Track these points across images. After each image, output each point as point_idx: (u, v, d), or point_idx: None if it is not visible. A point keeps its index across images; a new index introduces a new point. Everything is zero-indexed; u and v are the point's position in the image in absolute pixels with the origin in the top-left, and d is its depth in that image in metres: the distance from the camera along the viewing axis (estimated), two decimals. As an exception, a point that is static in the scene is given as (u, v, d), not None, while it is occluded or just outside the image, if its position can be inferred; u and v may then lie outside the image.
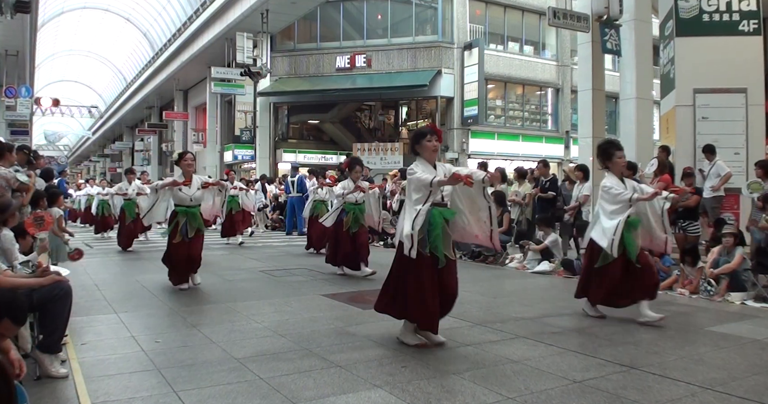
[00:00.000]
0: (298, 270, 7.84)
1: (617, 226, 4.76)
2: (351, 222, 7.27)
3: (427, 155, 4.10)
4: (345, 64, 22.29)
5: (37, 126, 40.85)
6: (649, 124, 11.84)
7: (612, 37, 10.72)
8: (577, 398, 3.06)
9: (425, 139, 4.08)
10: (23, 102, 20.43)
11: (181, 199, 6.29)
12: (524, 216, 9.37)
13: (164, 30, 31.66)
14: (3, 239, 3.89)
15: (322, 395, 3.09)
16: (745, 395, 3.12)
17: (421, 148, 4.11)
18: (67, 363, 3.56)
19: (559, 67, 24.09)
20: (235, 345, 4.04)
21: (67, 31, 38.24)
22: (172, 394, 3.09)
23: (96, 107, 46.23)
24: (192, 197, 6.29)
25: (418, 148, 4.13)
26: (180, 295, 6.01)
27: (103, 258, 9.43)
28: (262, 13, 20.81)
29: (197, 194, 6.34)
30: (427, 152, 4.10)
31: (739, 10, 9.39)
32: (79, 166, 67.17)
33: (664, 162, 8.85)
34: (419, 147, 4.12)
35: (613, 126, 19.52)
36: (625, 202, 4.82)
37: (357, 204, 7.31)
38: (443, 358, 3.78)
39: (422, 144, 4.09)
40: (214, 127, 27.33)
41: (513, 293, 6.60)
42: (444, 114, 22.15)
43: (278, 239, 13.22)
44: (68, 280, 3.48)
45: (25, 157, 7.11)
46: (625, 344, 4.19)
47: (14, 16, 13.08)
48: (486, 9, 23.14)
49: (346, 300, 5.77)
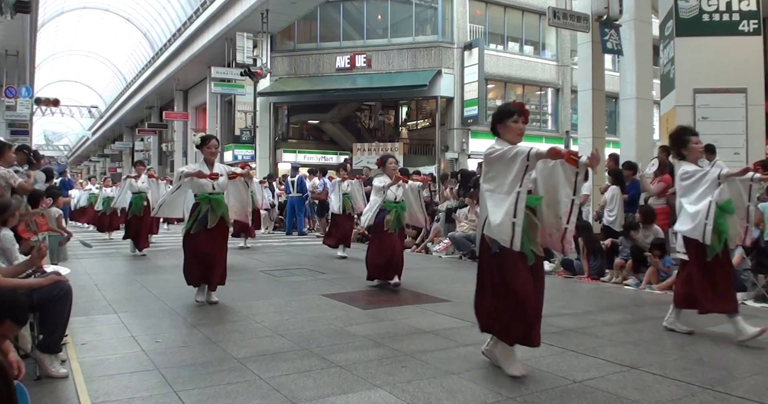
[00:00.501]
0: (298, 270, 7.84)
1: (709, 208, 4.10)
2: (393, 221, 6.47)
3: (510, 138, 3.42)
4: (345, 64, 22.29)
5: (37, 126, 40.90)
6: (649, 124, 11.84)
7: (612, 36, 10.72)
8: (577, 398, 3.06)
9: (511, 119, 3.42)
10: (23, 102, 20.44)
11: (203, 186, 5.49)
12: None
13: (164, 30, 31.66)
14: (3, 239, 3.89)
15: (322, 395, 3.09)
16: (745, 395, 3.12)
17: (505, 128, 3.45)
18: (67, 363, 3.55)
19: (559, 67, 24.10)
20: (235, 345, 4.04)
21: (67, 31, 38.25)
22: (172, 394, 3.09)
23: (96, 107, 46.19)
24: (215, 184, 5.54)
25: (501, 129, 3.47)
26: (180, 295, 6.00)
27: (103, 258, 9.43)
28: (262, 13, 20.81)
29: (221, 180, 5.59)
30: (512, 134, 3.43)
31: (739, 10, 9.38)
32: (79, 166, 67.14)
33: (664, 162, 8.83)
34: (503, 127, 3.46)
35: (613, 126, 19.51)
36: (713, 180, 4.16)
37: (397, 202, 6.59)
38: (443, 358, 3.77)
39: (507, 124, 3.44)
40: (214, 127, 27.31)
41: (513, 293, 6.58)
42: (444, 114, 22.15)
43: (278, 239, 13.22)
44: (68, 280, 3.47)
45: (25, 157, 7.11)
46: (625, 344, 4.19)
47: (14, 16, 13.09)
48: (486, 9, 23.14)
49: (346, 300, 5.76)
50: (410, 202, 6.71)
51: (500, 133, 3.48)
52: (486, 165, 3.44)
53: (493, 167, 3.36)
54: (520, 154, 3.19)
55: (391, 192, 6.54)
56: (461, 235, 9.33)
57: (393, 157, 6.73)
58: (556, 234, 3.42)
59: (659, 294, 6.31)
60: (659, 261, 6.57)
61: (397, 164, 6.68)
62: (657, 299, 6.06)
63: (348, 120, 25.55)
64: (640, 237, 7.04)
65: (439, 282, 6.83)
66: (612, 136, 16.31)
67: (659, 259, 6.57)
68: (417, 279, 6.98)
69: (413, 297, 5.94)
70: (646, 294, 6.40)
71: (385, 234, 6.44)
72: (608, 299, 6.14)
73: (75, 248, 8.64)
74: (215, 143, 5.67)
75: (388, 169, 6.60)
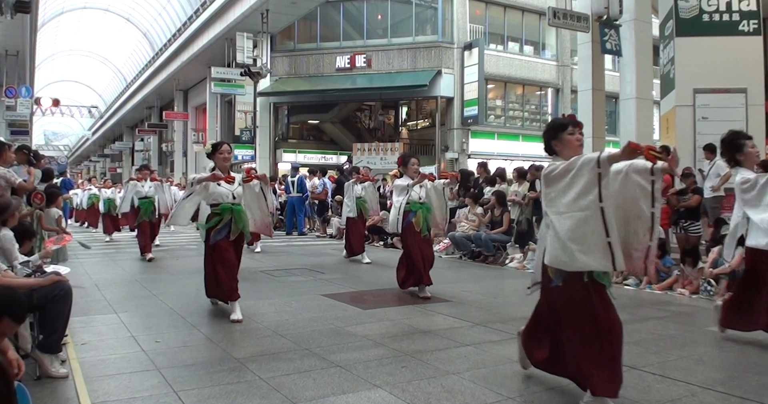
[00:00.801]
0: (298, 270, 7.84)
1: None
2: (422, 223, 6.11)
3: (569, 152, 2.98)
4: (345, 64, 22.29)
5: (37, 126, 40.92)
6: (649, 124, 11.85)
7: (612, 37, 10.74)
8: (577, 398, 3.05)
9: (566, 131, 3.02)
10: (23, 102, 20.42)
11: (221, 196, 5.07)
12: (524, 216, 9.38)
13: (164, 30, 31.67)
14: (3, 239, 3.89)
15: (322, 395, 3.09)
16: (745, 395, 3.12)
17: (562, 143, 3.03)
18: (67, 363, 3.55)
19: (559, 67, 24.10)
20: (235, 345, 4.05)
21: (67, 31, 38.26)
22: (172, 394, 3.09)
23: (96, 107, 46.28)
24: (234, 193, 5.15)
25: (558, 145, 3.05)
26: (180, 295, 6.01)
27: (103, 258, 9.42)
28: (262, 13, 20.81)
29: (239, 190, 5.20)
30: (571, 148, 3.00)
31: (739, 10, 9.40)
32: (79, 166, 67.18)
33: (664, 162, 8.84)
34: (558, 143, 3.04)
35: (613, 126, 19.50)
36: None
37: (422, 203, 6.22)
38: (443, 358, 3.77)
39: (563, 138, 3.03)
40: (214, 127, 27.32)
41: (513, 293, 6.59)
42: (444, 114, 22.15)
43: (278, 239, 13.21)
44: (68, 280, 3.48)
45: (25, 157, 7.10)
46: (625, 344, 4.16)
47: (14, 16, 13.08)
48: (486, 9, 23.14)
49: (346, 300, 5.76)
50: (431, 202, 6.34)
51: (557, 150, 3.05)
52: (547, 185, 2.94)
53: (556, 186, 2.88)
54: (586, 162, 2.74)
55: (415, 192, 6.19)
56: (461, 235, 9.33)
57: (415, 158, 6.36)
58: (636, 254, 2.95)
59: (659, 294, 6.31)
60: (659, 262, 6.57)
61: (419, 164, 6.34)
62: (657, 299, 6.06)
63: (348, 120, 25.55)
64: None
65: (438, 282, 6.81)
66: (612, 136, 16.30)
67: (659, 259, 6.56)
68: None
69: (413, 298, 5.94)
70: (646, 294, 6.40)
71: (418, 236, 6.10)
72: (608, 299, 6.12)
73: (75, 248, 8.64)
74: (227, 148, 5.30)
75: (410, 170, 6.22)
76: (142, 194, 9.45)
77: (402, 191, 6.18)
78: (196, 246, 10.81)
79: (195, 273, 7.74)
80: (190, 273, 7.73)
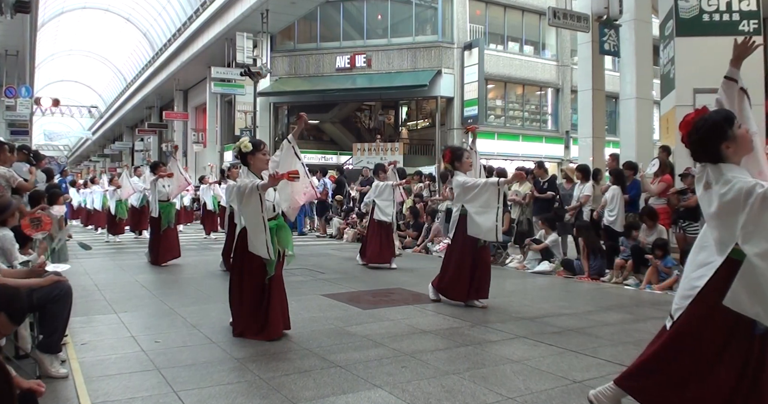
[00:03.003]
0: (298, 270, 7.84)
1: None
2: None
3: (743, 153, 2.50)
4: (345, 64, 22.30)
5: (37, 126, 40.91)
6: (649, 124, 11.85)
7: (611, 37, 10.75)
8: (577, 398, 3.05)
9: (734, 125, 2.55)
10: (23, 102, 20.43)
11: (267, 209, 4.22)
12: (524, 216, 9.39)
13: (164, 30, 31.67)
14: (3, 239, 3.89)
15: (322, 395, 3.09)
16: (745, 395, 3.12)
17: (735, 142, 2.48)
18: (67, 363, 3.56)
19: (559, 67, 24.10)
20: (235, 345, 4.05)
21: (67, 31, 38.26)
22: (172, 394, 3.09)
23: (96, 107, 46.29)
24: (275, 203, 4.37)
25: (729, 146, 2.48)
26: (180, 295, 6.01)
27: (104, 258, 9.42)
28: (262, 13, 20.82)
29: (277, 198, 4.44)
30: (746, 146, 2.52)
31: (739, 10, 9.39)
32: (79, 166, 67.18)
33: (665, 162, 8.84)
34: (731, 143, 2.48)
35: (613, 126, 19.52)
36: None
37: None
38: (443, 358, 3.77)
39: (734, 135, 2.49)
40: (214, 127, 27.32)
41: (513, 293, 6.59)
42: (444, 114, 22.15)
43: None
44: (68, 280, 3.47)
45: (25, 157, 7.11)
46: (625, 344, 4.19)
47: (14, 16, 13.08)
48: (486, 9, 23.14)
49: (346, 300, 5.76)
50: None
51: (727, 155, 2.46)
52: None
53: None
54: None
55: None
56: (461, 235, 9.31)
57: (467, 151, 5.69)
58: None
59: (659, 294, 6.31)
60: (660, 262, 6.57)
61: (470, 158, 5.64)
62: (657, 299, 6.06)
63: (348, 120, 25.54)
64: (644, 237, 7.05)
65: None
66: (612, 136, 16.31)
67: (661, 259, 6.57)
68: (417, 279, 6.97)
69: (413, 297, 5.94)
70: (646, 294, 6.40)
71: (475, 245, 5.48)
72: (608, 299, 6.14)
73: (75, 249, 8.63)
74: (267, 147, 4.59)
75: (464, 165, 5.56)
76: (164, 195, 8.58)
77: (467, 191, 5.40)
78: (195, 246, 10.82)
79: (195, 273, 7.75)
80: (190, 274, 7.75)
